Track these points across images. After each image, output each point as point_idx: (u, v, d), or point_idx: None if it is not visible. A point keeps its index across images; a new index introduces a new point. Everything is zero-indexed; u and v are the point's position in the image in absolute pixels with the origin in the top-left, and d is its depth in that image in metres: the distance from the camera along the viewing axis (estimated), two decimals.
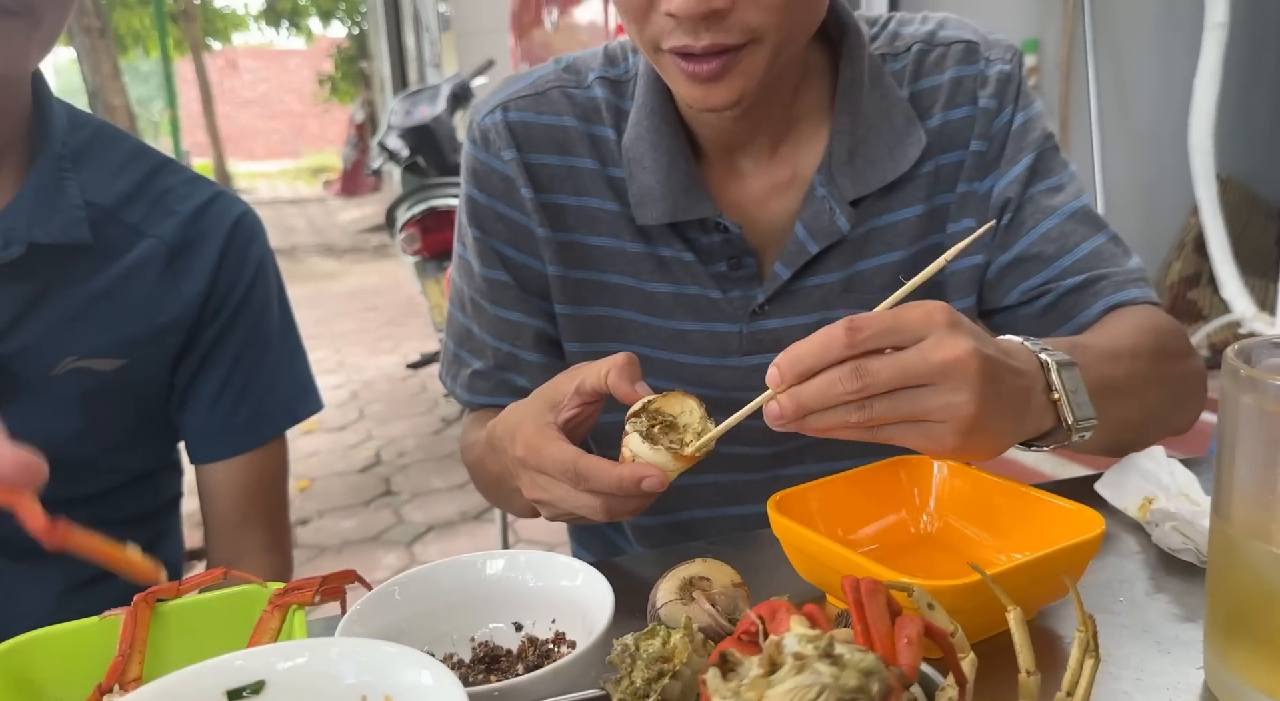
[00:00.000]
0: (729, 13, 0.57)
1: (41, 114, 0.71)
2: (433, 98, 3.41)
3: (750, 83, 0.61)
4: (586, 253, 0.73)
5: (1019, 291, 0.72)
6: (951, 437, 0.47)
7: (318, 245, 7.41)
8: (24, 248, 0.67)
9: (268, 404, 0.80)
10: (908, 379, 0.46)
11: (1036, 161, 0.72)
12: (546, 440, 0.55)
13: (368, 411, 3.42)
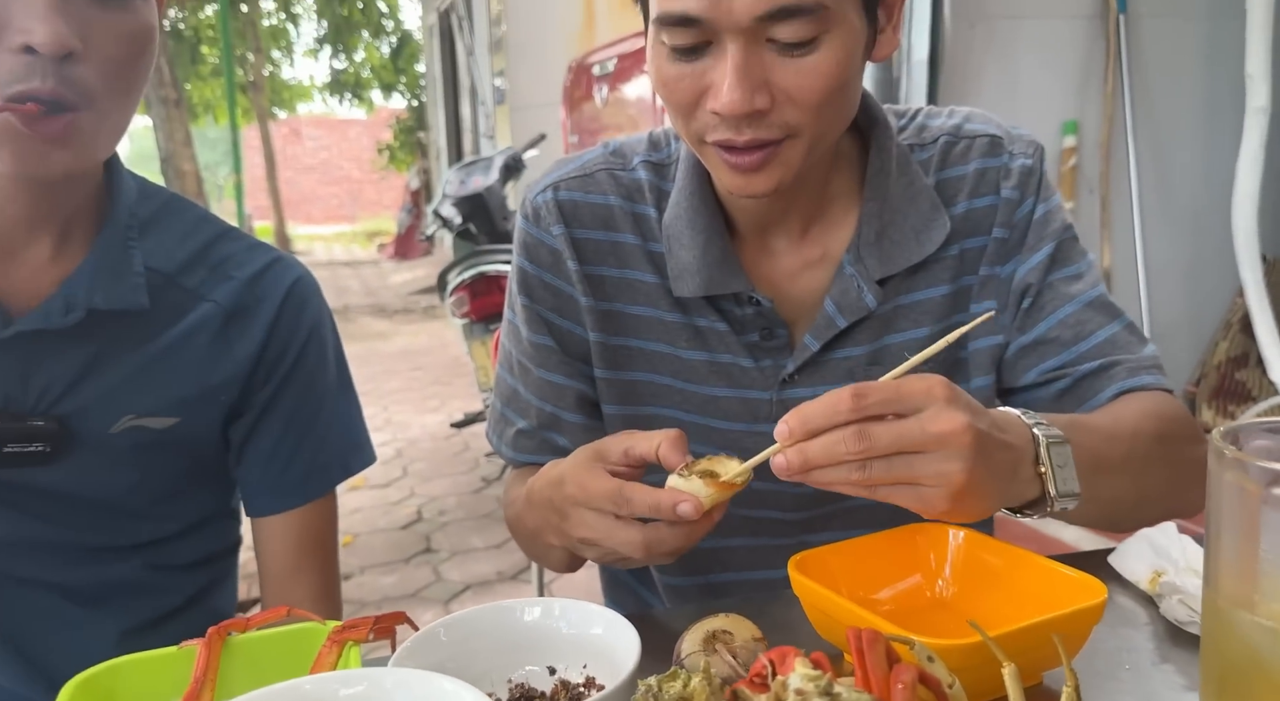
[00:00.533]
0: (769, 112, 0.62)
1: (112, 186, 0.75)
2: (486, 169, 3.56)
3: (788, 173, 0.66)
4: (626, 321, 0.78)
5: (1036, 372, 0.76)
6: (942, 502, 0.51)
7: (370, 306, 7.63)
8: (84, 313, 0.70)
9: (321, 459, 0.82)
10: (905, 445, 0.50)
11: (1056, 250, 0.76)
12: (594, 476, 0.60)
13: (411, 469, 3.49)
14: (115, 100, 0.65)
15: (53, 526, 0.74)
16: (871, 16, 0.65)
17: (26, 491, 0.72)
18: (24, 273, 0.70)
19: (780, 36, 0.60)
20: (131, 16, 0.64)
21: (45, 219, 0.70)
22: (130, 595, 0.79)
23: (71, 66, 0.61)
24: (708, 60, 0.62)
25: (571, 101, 3.91)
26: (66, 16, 0.60)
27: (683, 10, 0.60)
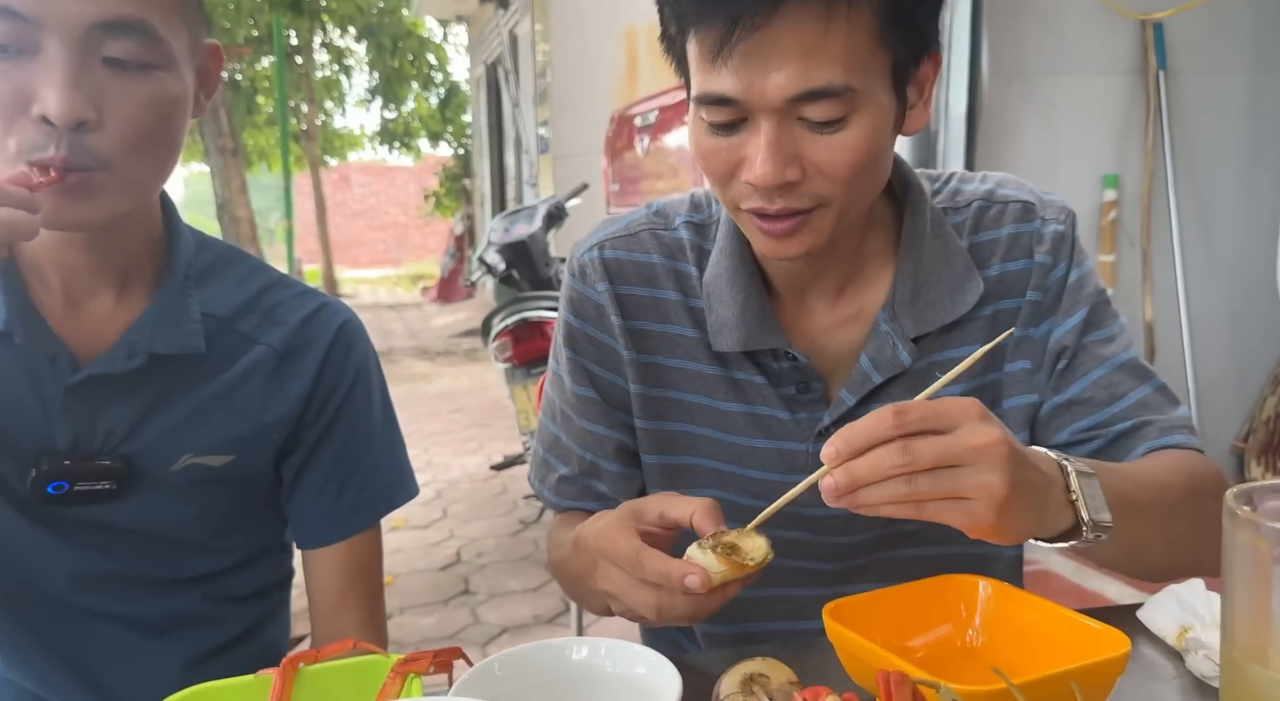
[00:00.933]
0: (800, 183, 0.66)
1: (171, 239, 0.79)
2: (530, 217, 3.65)
3: (818, 239, 0.70)
4: (666, 373, 0.82)
5: (1069, 432, 0.78)
6: (988, 513, 0.53)
7: (413, 348, 7.76)
8: (145, 358, 0.74)
9: (368, 493, 0.85)
10: (947, 458, 0.53)
11: (1090, 314, 0.79)
12: (622, 534, 0.64)
13: (451, 510, 3.53)
14: (136, 162, 0.68)
15: (119, 561, 0.78)
16: (900, 94, 0.69)
17: (95, 527, 0.77)
18: (90, 322, 0.75)
19: (810, 116, 0.64)
20: (153, 86, 0.67)
21: (105, 269, 0.75)
22: (191, 626, 0.82)
23: (86, 134, 0.64)
24: (743, 135, 0.66)
25: (613, 151, 4.01)
26: (82, 87, 0.63)
27: (720, 91, 0.64)
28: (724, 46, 0.63)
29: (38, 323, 0.73)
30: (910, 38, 0.67)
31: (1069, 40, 2.44)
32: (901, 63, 0.67)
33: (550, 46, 6.98)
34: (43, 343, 0.73)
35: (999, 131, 2.37)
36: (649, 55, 4.42)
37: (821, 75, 0.62)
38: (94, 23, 0.63)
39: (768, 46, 0.62)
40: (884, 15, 0.64)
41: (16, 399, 0.73)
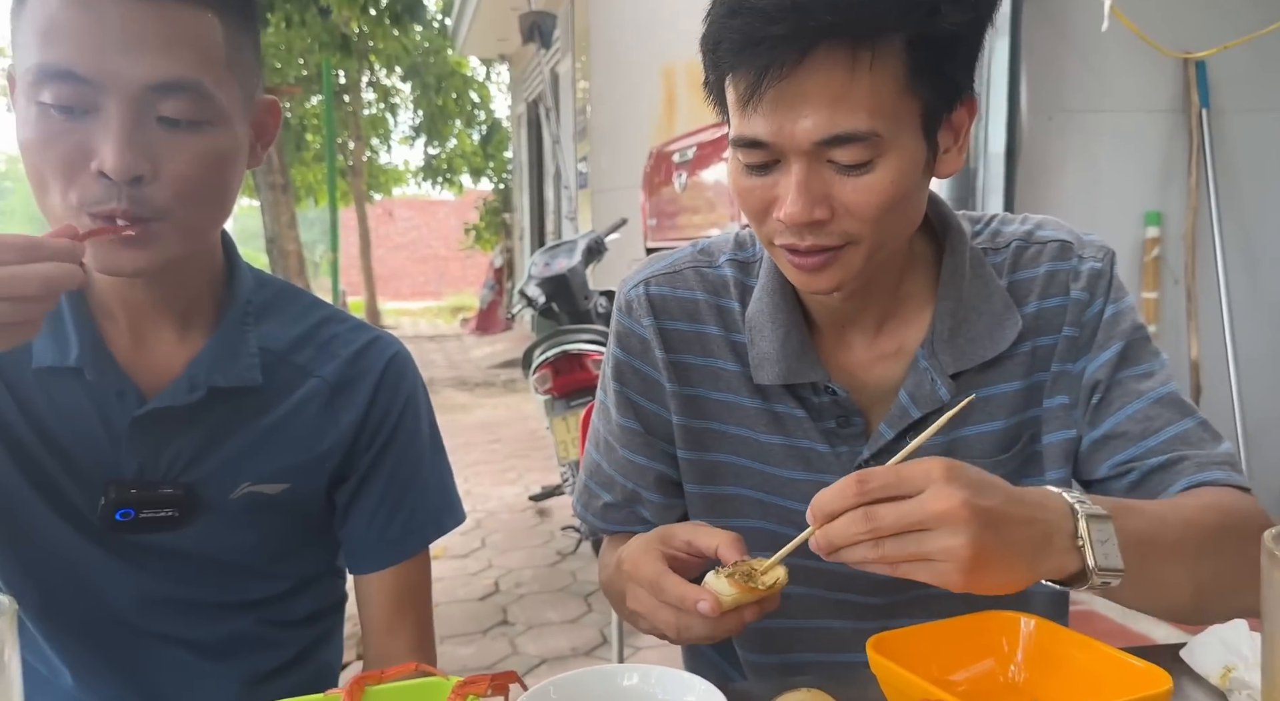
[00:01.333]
0: (829, 222, 0.69)
1: (231, 277, 0.83)
2: (570, 251, 3.72)
3: (848, 274, 0.72)
4: (708, 405, 0.84)
5: (1107, 466, 0.78)
6: (956, 575, 0.55)
7: (452, 379, 7.86)
8: (205, 391, 0.78)
9: (418, 518, 0.87)
10: (909, 524, 0.55)
11: (1126, 349, 0.79)
12: (648, 557, 0.67)
13: (489, 540, 3.56)
14: (190, 211, 0.71)
15: (181, 585, 0.81)
16: (931, 139, 0.71)
17: (159, 553, 0.80)
18: (154, 357, 0.79)
19: (838, 159, 0.67)
20: (204, 140, 0.70)
21: (168, 307, 0.79)
22: (249, 649, 0.85)
23: (141, 187, 0.68)
24: (776, 175, 0.70)
25: (651, 186, 4.06)
26: (137, 145, 0.67)
27: (753, 135, 0.68)
28: (755, 93, 0.66)
29: (106, 359, 0.77)
30: (940, 86, 0.69)
31: (1109, 78, 2.45)
32: (932, 109, 0.69)
33: (590, 84, 7.12)
34: (111, 378, 0.76)
35: (1039, 169, 2.38)
36: (687, 93, 4.50)
37: (847, 121, 0.65)
38: (148, 84, 0.66)
39: (796, 93, 0.65)
40: (911, 66, 0.66)
41: (87, 430, 0.76)
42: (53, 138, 0.67)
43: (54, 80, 0.66)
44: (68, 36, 0.65)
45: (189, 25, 0.68)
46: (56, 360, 0.75)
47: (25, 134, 0.68)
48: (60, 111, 0.67)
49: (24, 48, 0.67)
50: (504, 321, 10.43)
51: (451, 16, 11.08)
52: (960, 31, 0.67)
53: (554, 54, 7.95)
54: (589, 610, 2.85)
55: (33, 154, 0.68)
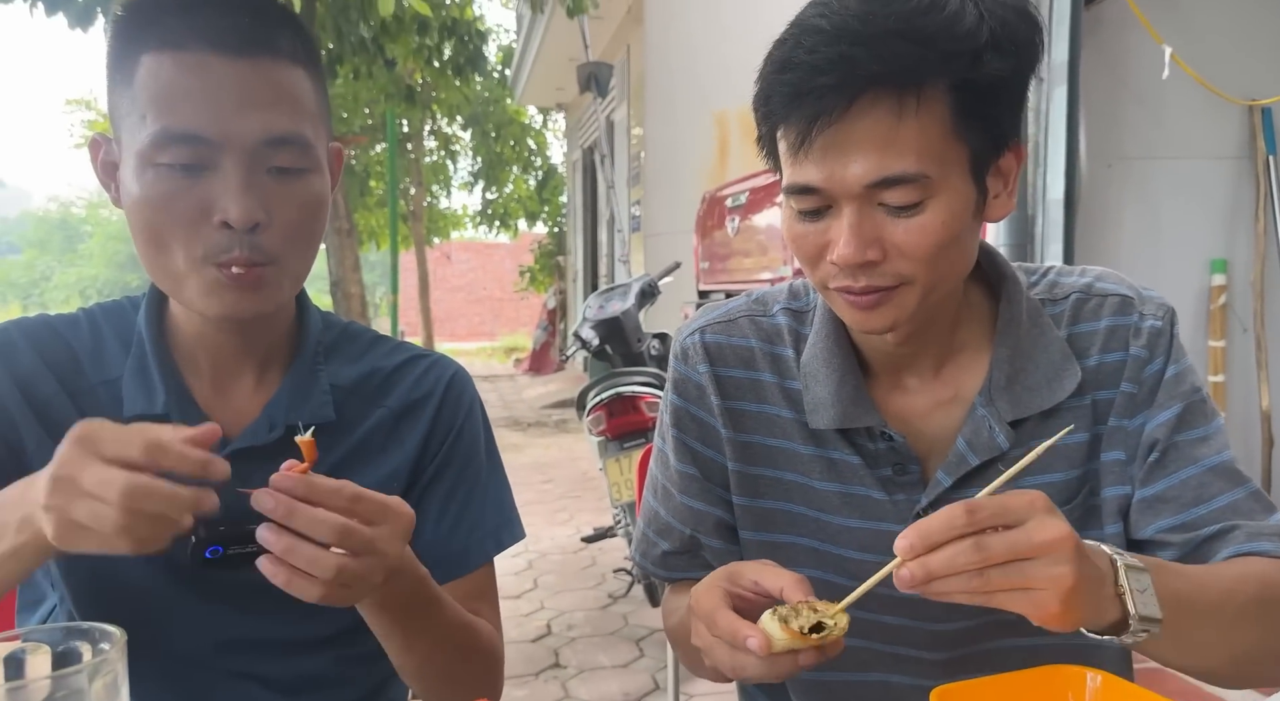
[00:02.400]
0: (882, 262, 0.71)
1: (302, 321, 0.87)
2: (624, 294, 3.77)
3: (903, 313, 0.73)
4: (763, 452, 0.85)
5: (1152, 529, 0.78)
6: (1054, 604, 0.56)
7: (506, 418, 7.94)
8: (283, 430, 0.81)
9: (477, 535, 0.89)
10: (1017, 553, 0.56)
11: (1185, 411, 0.79)
12: (708, 594, 0.67)
13: (541, 581, 3.57)
14: (296, 255, 0.77)
15: (259, 623, 0.83)
16: (980, 183, 0.72)
17: (241, 590, 0.81)
18: (234, 400, 0.83)
19: (889, 200, 0.69)
20: (306, 187, 0.76)
21: (249, 353, 0.83)
22: (321, 687, 0.87)
23: (259, 234, 0.73)
24: (828, 220, 0.72)
25: (704, 230, 4.11)
26: (254, 194, 0.72)
27: (805, 181, 0.71)
28: (805, 140, 0.69)
29: (190, 405, 0.81)
30: (986, 131, 0.70)
31: (1170, 125, 2.43)
32: (980, 154, 0.71)
33: (644, 130, 7.26)
34: (195, 423, 0.79)
35: (1099, 217, 2.36)
36: (739, 138, 4.56)
37: (896, 164, 0.67)
38: (262, 139, 0.72)
39: (845, 139, 0.68)
40: (956, 111, 0.68)
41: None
42: (175, 196, 0.72)
43: (176, 143, 0.71)
44: (185, 101, 0.71)
45: (287, 82, 0.74)
46: (145, 408, 0.79)
47: (142, 194, 0.73)
48: (181, 171, 0.72)
49: (134, 116, 0.72)
50: (556, 362, 10.53)
51: (511, 67, 11.45)
52: (1002, 78, 0.69)
53: (610, 102, 8.14)
54: (641, 655, 2.83)
55: (151, 213, 0.73)
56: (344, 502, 0.64)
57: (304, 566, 0.63)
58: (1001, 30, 0.69)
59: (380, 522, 0.66)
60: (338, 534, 0.63)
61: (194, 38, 0.71)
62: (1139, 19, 2.20)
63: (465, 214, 16.01)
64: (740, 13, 4.71)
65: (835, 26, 0.67)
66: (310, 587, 0.64)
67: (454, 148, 14.41)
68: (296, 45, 0.76)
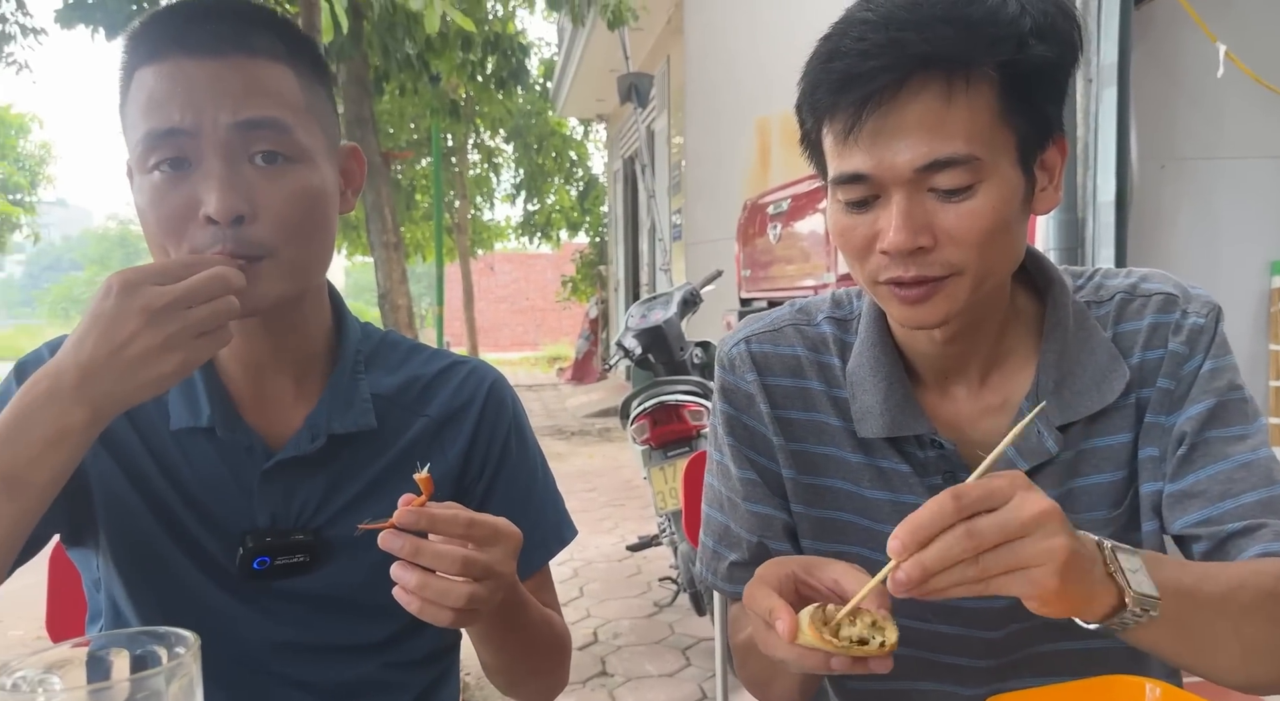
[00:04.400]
0: (932, 249, 0.71)
1: (340, 331, 0.88)
2: (666, 303, 3.78)
3: (954, 306, 0.73)
4: (813, 460, 0.85)
5: (1180, 524, 0.77)
6: (1053, 579, 0.55)
7: (549, 427, 7.99)
8: (325, 439, 0.82)
9: (536, 537, 0.89)
10: (1008, 533, 0.55)
11: (1218, 407, 0.77)
12: (769, 569, 0.67)
13: (587, 589, 3.58)
14: (294, 248, 0.75)
15: (310, 630, 0.84)
16: (1028, 171, 0.72)
17: (290, 598, 0.83)
18: (276, 411, 0.84)
19: (939, 184, 0.69)
20: (295, 178, 0.75)
21: (285, 363, 0.84)
22: (369, 693, 0.88)
23: (244, 227, 0.72)
24: (876, 210, 0.72)
25: (745, 237, 4.11)
26: (236, 187, 0.72)
27: (854, 169, 0.71)
28: (855, 125, 0.69)
29: (234, 418, 0.82)
30: (1033, 119, 0.71)
31: (1225, 124, 2.37)
32: (1027, 142, 0.71)
33: (685, 139, 7.28)
34: (240, 435, 0.82)
35: (1152, 218, 2.30)
36: (780, 145, 4.56)
37: (946, 147, 0.68)
38: (233, 122, 0.72)
39: (894, 123, 0.68)
40: (1003, 95, 0.69)
41: (222, 486, 0.82)
42: (163, 197, 0.73)
43: (158, 141, 0.72)
44: (165, 101, 0.72)
45: (265, 75, 0.75)
46: (191, 422, 0.81)
47: (141, 203, 0.74)
48: (167, 168, 0.73)
49: (133, 129, 0.74)
50: (599, 371, 10.58)
51: (552, 80, 11.56)
52: (1046, 65, 0.70)
53: (650, 112, 8.18)
54: (687, 664, 2.83)
55: (149, 220, 0.74)
56: (460, 530, 0.66)
57: (436, 599, 0.66)
58: (1043, 19, 0.70)
59: (493, 545, 0.68)
60: (461, 565, 0.66)
61: (172, 46, 0.73)
62: (1191, 17, 2.15)
63: (508, 225, 16.19)
64: (780, 18, 4.71)
65: (882, 16, 0.68)
66: (441, 615, 0.67)
67: (497, 160, 14.60)
68: (278, 44, 0.77)
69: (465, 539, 0.67)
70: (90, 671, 0.56)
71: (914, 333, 0.81)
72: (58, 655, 0.56)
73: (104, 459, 0.82)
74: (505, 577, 0.70)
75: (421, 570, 0.66)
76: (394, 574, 0.67)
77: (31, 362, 0.82)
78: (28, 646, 2.83)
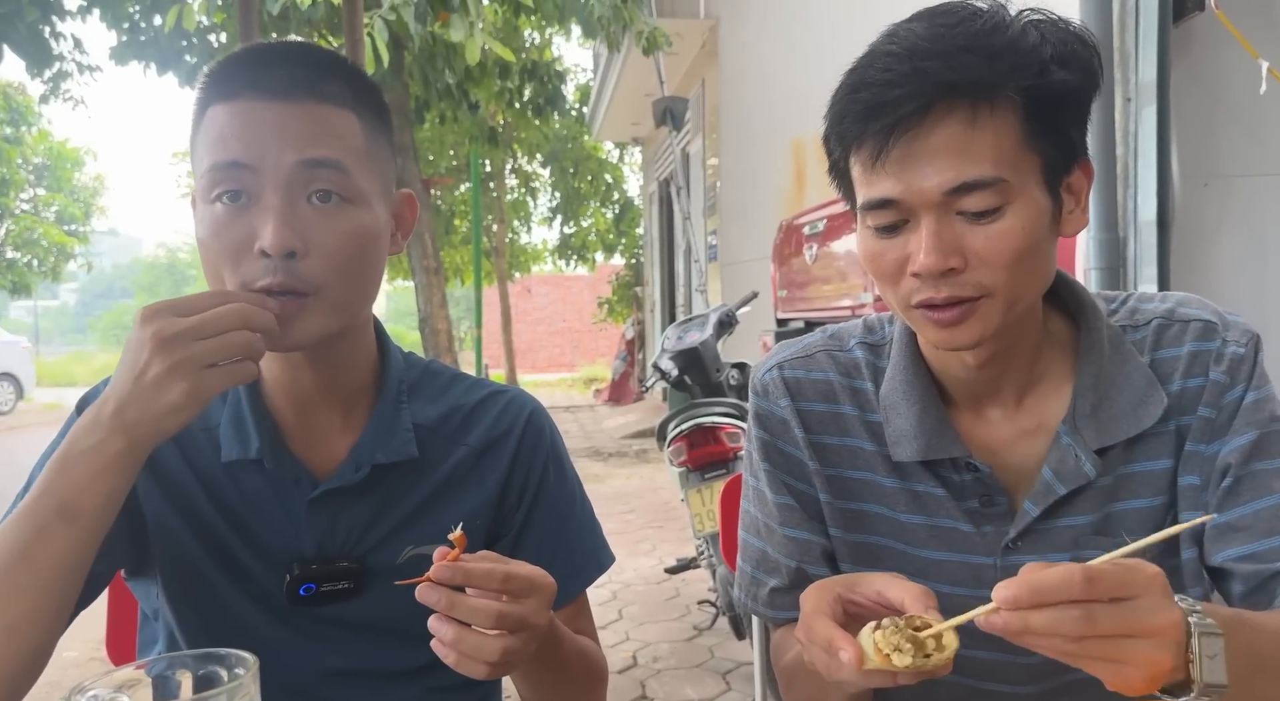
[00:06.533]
0: (963, 271, 0.71)
1: (383, 361, 0.89)
2: (702, 325, 3.79)
3: (987, 328, 0.73)
4: (849, 485, 0.85)
5: (1222, 557, 0.76)
6: (1142, 684, 0.55)
7: (586, 449, 8.01)
8: (369, 469, 0.84)
9: (576, 563, 0.91)
10: (1125, 632, 0.55)
11: (1263, 439, 0.77)
12: (817, 595, 0.66)
13: (626, 612, 3.58)
14: (340, 286, 0.77)
15: (354, 656, 0.85)
16: (1054, 194, 0.73)
17: (335, 625, 0.85)
18: (322, 442, 0.86)
19: (968, 207, 0.70)
20: (349, 219, 0.77)
21: (331, 395, 0.85)
22: None
23: (296, 262, 0.74)
24: (906, 235, 0.73)
25: (781, 258, 4.11)
26: (291, 223, 0.74)
27: (883, 195, 0.72)
28: (882, 152, 0.70)
29: (282, 449, 0.84)
30: (1057, 143, 0.72)
31: (1270, 141, 2.33)
32: (1053, 165, 0.72)
33: (720, 161, 7.32)
34: (287, 466, 0.84)
35: (1195, 237, 2.27)
36: (816, 167, 4.56)
37: (973, 169, 0.69)
38: (298, 161, 0.75)
39: (921, 148, 0.70)
40: (1027, 120, 0.70)
41: (270, 515, 0.84)
42: (223, 227, 0.75)
43: (222, 173, 0.75)
44: (233, 137, 0.75)
45: (330, 120, 0.78)
46: (241, 454, 0.84)
47: (202, 232, 0.77)
48: (229, 200, 0.75)
49: (199, 161, 0.78)
50: (636, 392, 10.59)
51: (589, 105, 11.71)
52: (1069, 89, 0.71)
53: (685, 135, 8.24)
54: (728, 689, 2.81)
55: (208, 248, 0.77)
56: (497, 585, 0.67)
57: (471, 653, 0.67)
58: (1063, 47, 0.72)
59: (529, 597, 0.69)
60: (495, 619, 0.67)
61: (245, 87, 0.76)
62: (1232, 34, 2.13)
63: (545, 248, 16.36)
64: (815, 41, 4.74)
65: (906, 48, 0.70)
66: (477, 668, 0.68)
67: (534, 185, 14.79)
68: (345, 91, 0.79)
69: (501, 593, 0.67)
70: (156, 691, 0.59)
71: (947, 357, 0.81)
72: (125, 676, 0.58)
73: (155, 493, 0.84)
74: (540, 628, 0.70)
75: (457, 623, 0.67)
76: (431, 627, 0.68)
77: (91, 397, 0.86)
78: (81, 667, 2.91)
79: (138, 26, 5.34)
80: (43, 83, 5.95)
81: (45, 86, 6.03)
